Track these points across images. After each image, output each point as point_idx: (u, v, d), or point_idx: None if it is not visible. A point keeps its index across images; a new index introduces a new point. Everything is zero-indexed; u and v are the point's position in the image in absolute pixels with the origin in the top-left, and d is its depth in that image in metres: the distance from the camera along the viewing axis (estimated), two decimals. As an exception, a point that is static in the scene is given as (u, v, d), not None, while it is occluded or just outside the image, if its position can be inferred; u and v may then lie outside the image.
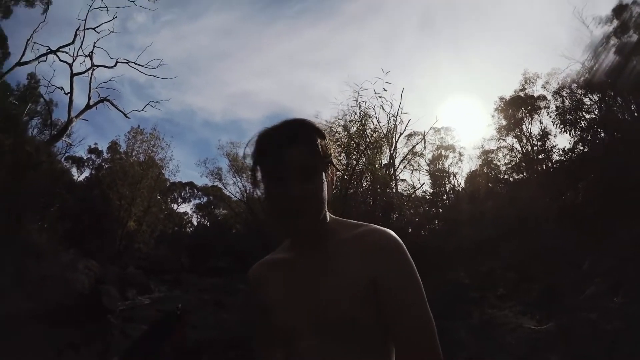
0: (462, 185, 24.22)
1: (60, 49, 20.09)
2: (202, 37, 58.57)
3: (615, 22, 15.16)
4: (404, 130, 18.42)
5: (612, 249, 7.86)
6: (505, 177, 21.77)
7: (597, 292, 6.89)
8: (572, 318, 6.40)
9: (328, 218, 0.99)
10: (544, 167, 18.42)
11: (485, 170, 22.73)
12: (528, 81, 19.89)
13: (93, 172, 27.11)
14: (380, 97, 11.55)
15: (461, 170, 24.42)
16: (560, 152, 16.17)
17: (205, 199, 36.06)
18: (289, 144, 0.89)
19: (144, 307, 13.14)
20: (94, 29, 21.06)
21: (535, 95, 19.61)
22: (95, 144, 28.49)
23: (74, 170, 26.54)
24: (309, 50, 64.62)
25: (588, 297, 6.96)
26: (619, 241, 7.92)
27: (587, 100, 14.28)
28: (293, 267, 1.00)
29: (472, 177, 23.49)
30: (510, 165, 21.43)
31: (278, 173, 0.89)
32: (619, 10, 15.19)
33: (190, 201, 37.07)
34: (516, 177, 20.77)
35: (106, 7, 20.87)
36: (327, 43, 65.26)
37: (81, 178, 26.63)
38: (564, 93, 15.99)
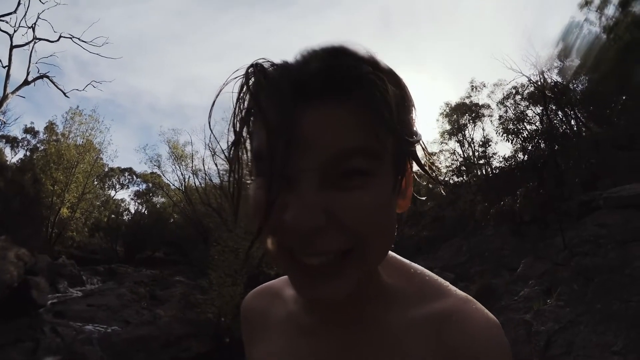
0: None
1: (1, 18, 18.40)
2: (154, 17, 56.13)
3: (561, 45, 16.05)
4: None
5: (546, 254, 8.25)
6: (446, 179, 22.53)
7: (531, 294, 7.18)
8: (507, 318, 6.63)
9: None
10: (484, 172, 19.19)
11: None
12: (475, 89, 20.57)
13: (27, 153, 25.25)
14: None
15: (403, 170, 25.24)
16: (501, 159, 16.94)
17: (144, 186, 34.27)
18: (310, 101, 0.43)
19: (75, 301, 12.49)
20: (39, -2, 19.40)
21: (480, 104, 20.34)
22: (32, 123, 26.82)
23: (7, 151, 24.71)
24: (260, 39, 63.93)
25: (522, 298, 7.23)
26: (552, 247, 8.33)
27: (529, 112, 15.05)
28: (307, 343, 0.58)
29: (425, 163, 24.19)
30: (450, 168, 22.18)
31: (283, 165, 0.43)
32: (565, 34, 16.10)
33: (128, 187, 34.85)
34: (456, 179, 21.53)
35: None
36: (280, 33, 64.82)
37: (15, 159, 24.79)
38: (507, 103, 16.72)
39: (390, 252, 0.58)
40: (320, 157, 0.43)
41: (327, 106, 0.43)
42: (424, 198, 0.65)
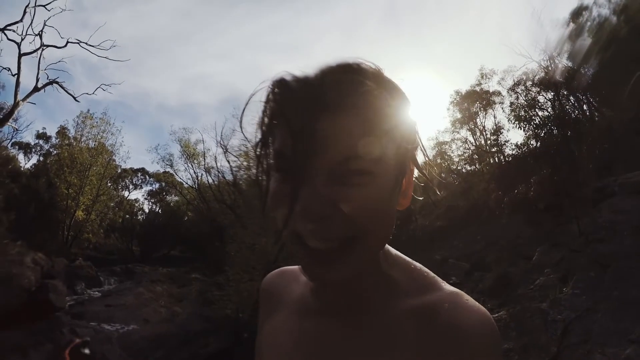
0: (416, 174, 24.91)
1: (8, 27, 18.53)
2: (160, 17, 56.19)
3: (572, 25, 15.81)
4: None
5: (561, 242, 8.21)
6: (458, 168, 22.44)
7: (547, 282, 7.17)
8: (523, 307, 6.64)
9: (381, 256, 0.63)
10: (496, 160, 19.07)
11: (438, 160, 23.28)
12: (484, 76, 20.36)
13: (41, 158, 25.72)
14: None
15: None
16: (513, 147, 16.82)
17: (157, 185, 34.49)
18: (324, 111, 0.51)
19: (94, 302, 12.72)
20: (44, 6, 19.52)
21: (491, 91, 20.15)
22: (44, 128, 27.20)
23: (20, 157, 25.16)
24: (268, 34, 63.94)
25: (538, 287, 7.23)
26: (568, 234, 8.28)
27: (541, 98, 14.89)
28: (310, 323, 0.65)
29: (425, 167, 24.06)
30: (463, 157, 22.06)
31: (303, 165, 0.51)
32: (576, 14, 15.84)
33: (142, 187, 35.00)
34: (469, 168, 21.42)
35: (59, -18, 19.50)
36: (287, 27, 64.64)
37: (28, 165, 25.32)
38: (518, 90, 16.54)
39: (392, 249, 0.66)
40: (332, 158, 0.51)
41: (339, 115, 0.51)
42: (420, 198, 0.72)
